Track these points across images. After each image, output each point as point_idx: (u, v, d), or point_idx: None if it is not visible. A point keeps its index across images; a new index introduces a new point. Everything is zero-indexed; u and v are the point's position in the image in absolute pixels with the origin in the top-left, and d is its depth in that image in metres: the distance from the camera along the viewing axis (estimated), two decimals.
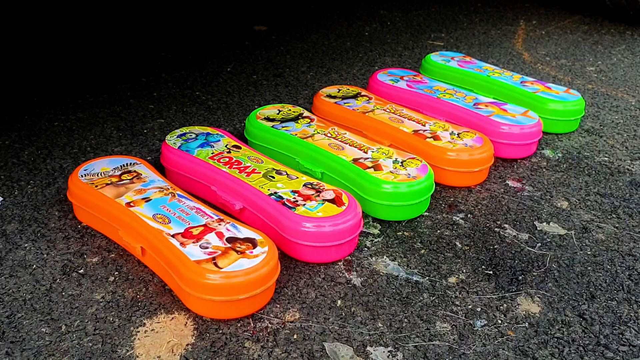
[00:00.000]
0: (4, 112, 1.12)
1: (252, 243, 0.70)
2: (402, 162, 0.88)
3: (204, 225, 0.73)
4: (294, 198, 0.78)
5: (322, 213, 0.76)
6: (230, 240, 0.70)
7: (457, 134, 0.97)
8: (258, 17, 1.74)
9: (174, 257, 0.68)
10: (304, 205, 0.77)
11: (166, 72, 1.33)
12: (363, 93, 1.13)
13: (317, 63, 1.45)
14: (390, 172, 0.85)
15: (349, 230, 0.76)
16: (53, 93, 1.20)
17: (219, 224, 0.73)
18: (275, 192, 0.80)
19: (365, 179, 0.85)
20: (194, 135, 0.94)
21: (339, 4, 1.89)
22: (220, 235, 0.71)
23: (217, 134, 0.95)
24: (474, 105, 1.08)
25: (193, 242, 0.69)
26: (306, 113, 1.03)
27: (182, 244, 0.69)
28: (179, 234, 0.71)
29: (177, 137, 0.93)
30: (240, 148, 0.91)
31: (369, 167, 0.86)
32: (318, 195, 0.79)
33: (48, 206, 0.86)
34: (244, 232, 0.72)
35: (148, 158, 0.99)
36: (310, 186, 0.81)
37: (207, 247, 0.69)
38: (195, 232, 0.71)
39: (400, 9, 1.89)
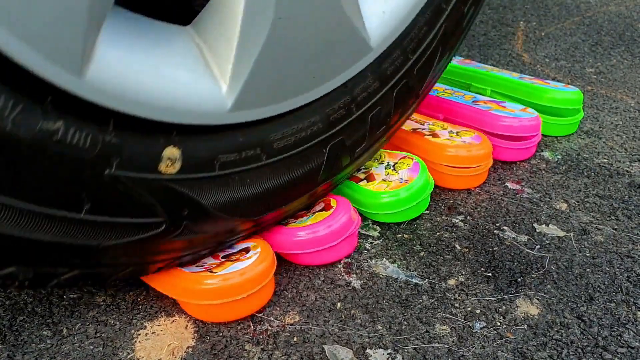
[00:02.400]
0: None
1: (246, 250, 0.70)
2: (393, 166, 0.88)
3: None
4: None
5: (312, 221, 0.76)
6: (226, 257, 0.70)
7: (456, 133, 0.97)
8: None
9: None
10: (296, 221, 0.77)
11: None
12: None
13: None
14: (383, 180, 0.85)
15: (340, 229, 0.75)
16: None
17: None
18: None
19: (359, 193, 0.85)
20: None
21: None
22: (216, 257, 0.71)
23: None
24: (473, 102, 1.09)
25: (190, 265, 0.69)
26: None
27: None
28: None
29: None
30: None
31: (362, 179, 0.86)
32: (309, 210, 0.79)
33: None
34: (238, 247, 0.72)
35: None
36: None
37: (203, 265, 0.69)
38: None
39: None
